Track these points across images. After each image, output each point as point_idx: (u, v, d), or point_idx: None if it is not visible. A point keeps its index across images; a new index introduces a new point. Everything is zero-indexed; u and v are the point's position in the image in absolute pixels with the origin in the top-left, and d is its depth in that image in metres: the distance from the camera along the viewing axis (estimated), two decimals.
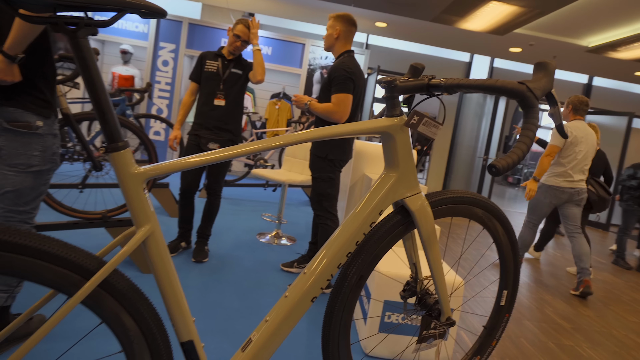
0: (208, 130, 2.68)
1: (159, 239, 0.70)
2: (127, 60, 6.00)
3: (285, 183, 3.45)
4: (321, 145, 2.38)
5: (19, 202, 1.52)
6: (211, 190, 2.77)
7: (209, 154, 0.73)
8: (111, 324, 0.68)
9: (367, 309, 1.97)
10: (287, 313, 0.87)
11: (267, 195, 5.56)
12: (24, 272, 0.59)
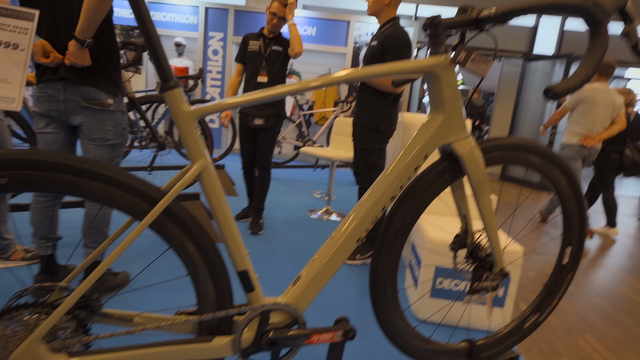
0: (253, 107, 2.82)
1: (211, 173, 0.76)
2: (181, 52, 6.32)
3: (334, 159, 3.48)
4: (371, 116, 2.35)
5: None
6: (261, 166, 2.91)
7: (254, 94, 0.77)
8: (177, 249, 0.75)
9: (417, 276, 1.96)
10: (333, 253, 0.90)
11: (317, 175, 5.64)
12: (103, 198, 0.68)
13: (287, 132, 5.78)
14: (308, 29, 6.22)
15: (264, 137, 2.87)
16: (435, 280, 1.87)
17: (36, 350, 0.66)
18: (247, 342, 0.83)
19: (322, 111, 5.66)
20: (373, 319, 1.90)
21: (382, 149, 2.43)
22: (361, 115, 2.41)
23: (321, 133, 5.62)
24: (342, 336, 0.88)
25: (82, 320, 0.72)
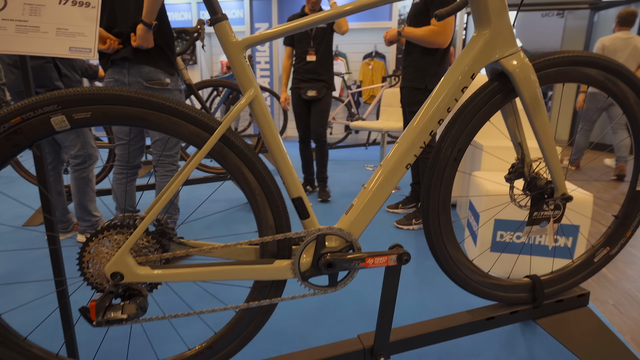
0: (304, 82, 2.99)
1: (261, 101, 0.81)
2: None
3: (384, 130, 3.46)
4: (418, 76, 2.30)
5: (165, 147, 1.88)
6: (316, 137, 3.05)
7: (305, 18, 0.81)
8: (236, 177, 0.82)
9: (476, 231, 1.91)
10: (384, 179, 0.92)
11: (369, 153, 5.61)
12: (167, 128, 0.76)
13: (337, 113, 5.80)
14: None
15: (317, 108, 3.01)
16: (495, 233, 1.81)
17: (126, 259, 0.77)
18: (306, 265, 0.89)
19: (370, 88, 5.59)
20: (431, 279, 1.89)
21: None
22: (408, 77, 2.37)
23: (370, 110, 5.57)
24: (397, 260, 0.91)
25: (161, 242, 0.83)
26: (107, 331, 1.40)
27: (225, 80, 3.26)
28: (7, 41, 0.75)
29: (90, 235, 0.78)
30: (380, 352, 1.00)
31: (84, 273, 0.79)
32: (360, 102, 6.48)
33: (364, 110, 6.49)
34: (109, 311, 0.75)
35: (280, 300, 0.90)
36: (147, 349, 1.34)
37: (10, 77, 1.97)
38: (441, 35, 2.15)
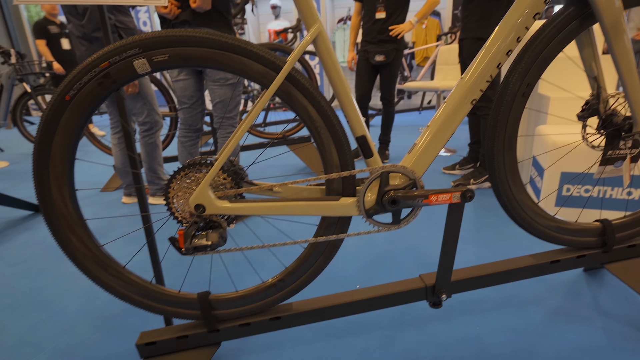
0: (373, 44, 2.87)
1: (325, 37, 0.82)
2: (277, 14, 6.56)
3: (440, 89, 3.32)
4: (483, 25, 2.15)
5: (225, 110, 1.97)
6: (384, 100, 3.02)
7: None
8: (302, 116, 0.85)
9: (540, 187, 1.81)
10: (447, 116, 0.91)
11: (423, 118, 5.43)
12: (236, 68, 0.81)
13: None
14: None
15: (386, 72, 2.94)
16: (561, 186, 1.71)
17: (207, 192, 0.84)
18: (370, 202, 0.91)
19: (424, 48, 5.33)
20: (490, 235, 1.85)
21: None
22: (470, 27, 2.22)
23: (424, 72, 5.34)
24: (460, 197, 0.90)
25: (235, 180, 0.89)
26: (192, 261, 1.57)
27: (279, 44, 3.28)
28: None
29: (173, 173, 0.86)
30: (442, 289, 1.02)
31: (170, 208, 0.87)
32: (413, 64, 6.22)
33: (417, 73, 6.24)
34: (195, 239, 0.84)
35: (346, 236, 0.94)
36: (225, 281, 1.48)
37: (80, 49, 2.13)
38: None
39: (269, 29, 6.60)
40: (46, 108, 0.77)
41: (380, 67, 2.96)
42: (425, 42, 5.97)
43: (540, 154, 1.83)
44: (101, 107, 7.20)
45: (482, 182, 2.44)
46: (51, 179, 0.81)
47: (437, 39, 5.83)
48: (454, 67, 3.76)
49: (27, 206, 2.36)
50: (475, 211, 2.06)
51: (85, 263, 0.90)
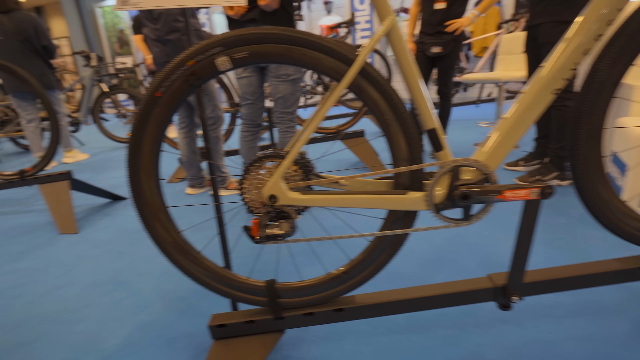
0: (429, 35, 2.80)
1: (398, 31, 0.82)
2: (329, 10, 6.58)
3: (502, 80, 3.15)
4: (566, 7, 1.99)
5: (286, 105, 2.02)
6: (441, 93, 2.95)
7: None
8: (372, 109, 0.85)
9: (622, 186, 1.66)
10: (526, 107, 0.86)
11: (479, 112, 5.19)
12: (310, 63, 0.82)
13: None
14: None
15: (443, 64, 2.87)
16: None
17: (280, 184, 0.87)
18: (440, 197, 0.90)
19: (482, 37, 5.08)
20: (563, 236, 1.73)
21: None
22: (549, 11, 2.05)
23: (483, 64, 5.09)
24: (539, 194, 0.85)
25: (304, 172, 0.92)
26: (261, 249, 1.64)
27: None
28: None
29: (247, 164, 0.90)
30: (513, 290, 0.98)
31: (244, 197, 0.92)
32: (470, 55, 5.96)
33: (474, 65, 5.97)
34: (268, 228, 0.87)
35: (413, 230, 0.93)
36: (290, 271, 1.53)
37: (155, 50, 2.29)
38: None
39: (320, 24, 6.64)
40: (139, 105, 0.84)
41: (437, 59, 2.87)
42: (484, 31, 5.67)
43: (624, 151, 1.68)
44: None
45: (550, 180, 2.29)
46: (141, 168, 0.89)
47: (498, 27, 5.52)
48: (517, 56, 3.54)
49: (106, 195, 2.58)
50: (544, 210, 1.94)
51: (167, 248, 0.97)
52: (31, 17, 3.38)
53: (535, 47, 2.23)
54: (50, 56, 3.56)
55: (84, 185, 2.35)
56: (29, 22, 3.36)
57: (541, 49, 2.17)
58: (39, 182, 2.22)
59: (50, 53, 3.54)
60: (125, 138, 4.79)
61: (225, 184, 2.66)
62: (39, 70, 3.48)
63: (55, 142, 2.23)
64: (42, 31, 3.42)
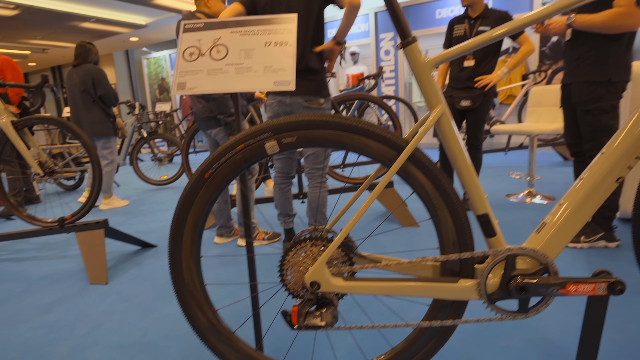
0: (458, 90, 2.84)
1: (449, 117, 0.80)
2: (356, 60, 6.79)
3: (534, 133, 3.09)
4: (599, 67, 1.97)
5: (316, 161, 2.03)
6: (470, 145, 2.92)
7: (478, 38, 0.78)
8: (419, 193, 0.83)
9: None
10: (586, 195, 0.81)
11: (509, 160, 5.10)
12: (358, 148, 0.81)
13: None
14: None
15: (472, 117, 2.87)
16: None
17: (323, 270, 0.84)
18: (493, 287, 0.84)
19: (507, 88, 5.09)
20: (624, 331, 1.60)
21: (616, 107, 1.99)
22: (582, 71, 2.04)
23: (510, 112, 5.06)
24: (607, 289, 0.78)
25: (348, 255, 0.88)
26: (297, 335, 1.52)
27: (358, 92, 3.37)
28: (228, 82, 0.91)
29: (289, 245, 0.88)
30: None
31: (284, 280, 0.88)
32: (495, 103, 5.95)
33: (499, 112, 5.95)
34: (308, 317, 0.83)
35: (463, 322, 0.87)
36: (328, 355, 1.43)
37: (197, 106, 2.39)
38: (632, 17, 1.79)
39: (347, 73, 6.84)
40: (188, 184, 0.85)
41: (466, 112, 2.88)
42: (509, 80, 5.70)
43: None
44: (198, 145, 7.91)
45: (595, 241, 2.15)
46: (183, 247, 0.87)
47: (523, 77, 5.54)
48: (547, 109, 3.50)
49: (137, 242, 2.61)
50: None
51: (202, 329, 0.93)
52: (92, 69, 3.67)
53: (570, 104, 2.20)
54: (108, 105, 3.80)
55: (118, 233, 2.39)
56: (90, 74, 3.65)
57: (575, 107, 2.14)
58: (76, 230, 2.27)
59: (108, 102, 3.77)
60: (158, 180, 4.93)
61: (253, 235, 2.64)
62: (95, 119, 3.72)
63: (97, 192, 2.30)
64: (99, 82, 3.68)
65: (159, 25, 8.56)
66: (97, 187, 2.30)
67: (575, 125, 2.23)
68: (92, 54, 3.74)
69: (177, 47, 0.98)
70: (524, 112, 5.48)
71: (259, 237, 2.64)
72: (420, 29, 6.22)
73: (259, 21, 0.97)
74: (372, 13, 6.56)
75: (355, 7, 1.73)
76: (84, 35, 8.85)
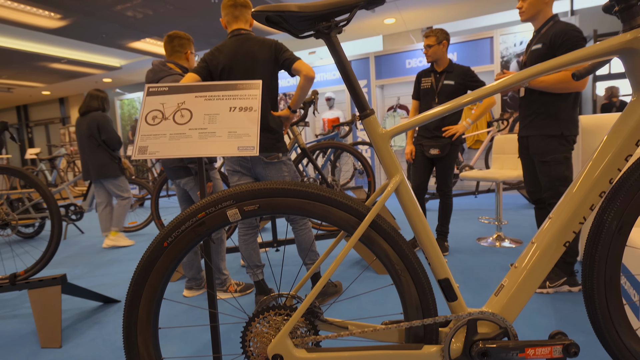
0: (427, 138, 2.98)
1: (407, 186, 0.83)
2: (331, 105, 7.02)
3: (499, 180, 3.23)
4: (552, 123, 2.13)
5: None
6: (441, 191, 3.03)
7: (442, 107, 0.84)
8: (382, 259, 0.83)
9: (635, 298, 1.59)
10: (537, 257, 0.85)
11: (479, 202, 5.26)
12: (321, 215, 0.82)
13: None
14: (450, 55, 6.14)
15: (442, 165, 2.99)
16: None
17: (285, 342, 0.82)
18: (457, 352, 0.83)
19: (475, 134, 5.36)
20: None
21: (569, 158, 2.15)
22: (537, 125, 2.19)
23: (478, 157, 5.29)
24: (563, 352, 0.80)
25: (312, 323, 0.86)
26: None
27: (331, 141, 3.45)
28: (192, 147, 0.92)
29: (252, 315, 0.85)
30: None
31: (246, 350, 0.85)
32: (465, 147, 6.22)
33: (469, 155, 6.20)
34: None
35: None
36: None
37: None
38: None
39: (323, 117, 7.04)
40: (145, 253, 0.83)
41: (435, 159, 2.99)
42: (476, 126, 6.00)
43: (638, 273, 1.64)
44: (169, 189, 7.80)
45: (559, 286, 2.21)
46: (139, 319, 0.84)
47: (488, 125, 5.86)
48: (510, 156, 3.69)
49: (98, 297, 2.46)
50: (557, 324, 1.84)
51: None
52: (97, 116, 3.95)
53: (528, 154, 2.33)
54: (112, 148, 4.05)
55: (77, 288, 2.25)
56: (94, 120, 3.94)
57: (533, 157, 2.27)
58: (29, 287, 2.13)
59: (111, 146, 4.03)
60: (126, 227, 4.74)
61: (225, 287, 2.56)
62: (102, 162, 3.98)
63: (54, 245, 2.19)
64: (103, 127, 3.94)
65: (135, 68, 8.57)
66: (56, 241, 2.19)
67: (534, 174, 2.36)
68: (96, 100, 4.03)
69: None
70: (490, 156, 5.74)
71: (230, 289, 2.56)
72: (391, 78, 6.56)
73: (225, 86, 1.00)
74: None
75: (310, 78, 1.83)
76: (53, 75, 8.67)
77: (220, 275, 2.49)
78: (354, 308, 2.15)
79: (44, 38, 6.26)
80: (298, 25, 0.82)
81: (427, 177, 3.05)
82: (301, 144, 2.82)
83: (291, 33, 0.84)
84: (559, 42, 2.03)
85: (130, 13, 5.14)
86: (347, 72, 0.84)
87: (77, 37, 6.24)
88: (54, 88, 10.17)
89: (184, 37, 2.50)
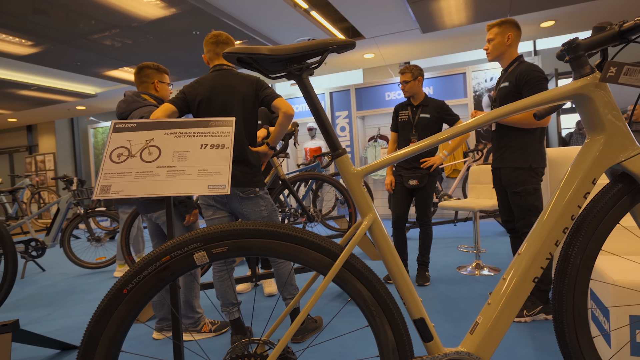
0: (406, 169, 3.04)
1: (380, 225, 0.83)
2: (313, 135, 7.10)
3: (476, 209, 3.28)
4: (521, 156, 2.23)
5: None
6: (420, 221, 3.06)
7: (412, 146, 0.85)
8: (357, 300, 0.82)
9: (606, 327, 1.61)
10: (509, 294, 0.85)
11: (458, 230, 5.31)
12: (293, 256, 0.81)
13: None
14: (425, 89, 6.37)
15: (420, 195, 3.04)
16: (634, 332, 1.50)
17: None
18: None
19: (452, 164, 5.49)
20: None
21: (538, 189, 2.24)
22: (508, 157, 2.29)
23: (456, 186, 5.40)
24: None
25: None
26: None
27: (312, 172, 3.46)
28: (159, 185, 0.90)
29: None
30: None
31: None
32: (443, 176, 6.35)
33: (447, 184, 6.32)
34: None
35: None
36: None
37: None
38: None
39: (305, 147, 7.10)
40: (102, 301, 0.78)
41: (414, 190, 3.04)
42: (453, 156, 6.17)
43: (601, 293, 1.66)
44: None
45: (536, 314, 2.22)
46: None
47: (464, 155, 6.04)
48: (485, 186, 3.78)
49: (55, 344, 2.28)
50: (535, 354, 1.82)
51: None
52: None
53: (501, 185, 2.41)
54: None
55: (30, 335, 2.06)
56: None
57: (506, 188, 2.34)
58: None
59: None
60: (93, 263, 4.52)
61: (198, 326, 2.45)
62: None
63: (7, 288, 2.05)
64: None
65: (111, 95, 8.30)
66: (9, 282, 2.06)
67: (507, 204, 2.42)
68: None
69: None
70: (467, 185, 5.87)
71: (204, 329, 2.44)
72: (372, 109, 6.72)
73: (196, 123, 0.99)
74: (327, 93, 7.03)
75: (289, 116, 1.85)
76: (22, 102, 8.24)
77: (194, 314, 2.39)
78: (335, 345, 2.08)
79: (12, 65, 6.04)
80: (270, 67, 0.83)
81: (407, 207, 3.08)
82: (281, 175, 2.81)
83: (263, 74, 0.85)
84: (524, 81, 2.17)
85: (108, 42, 5.10)
86: (319, 112, 0.85)
87: (50, 65, 5.98)
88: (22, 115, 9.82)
89: (151, 66, 2.48)
